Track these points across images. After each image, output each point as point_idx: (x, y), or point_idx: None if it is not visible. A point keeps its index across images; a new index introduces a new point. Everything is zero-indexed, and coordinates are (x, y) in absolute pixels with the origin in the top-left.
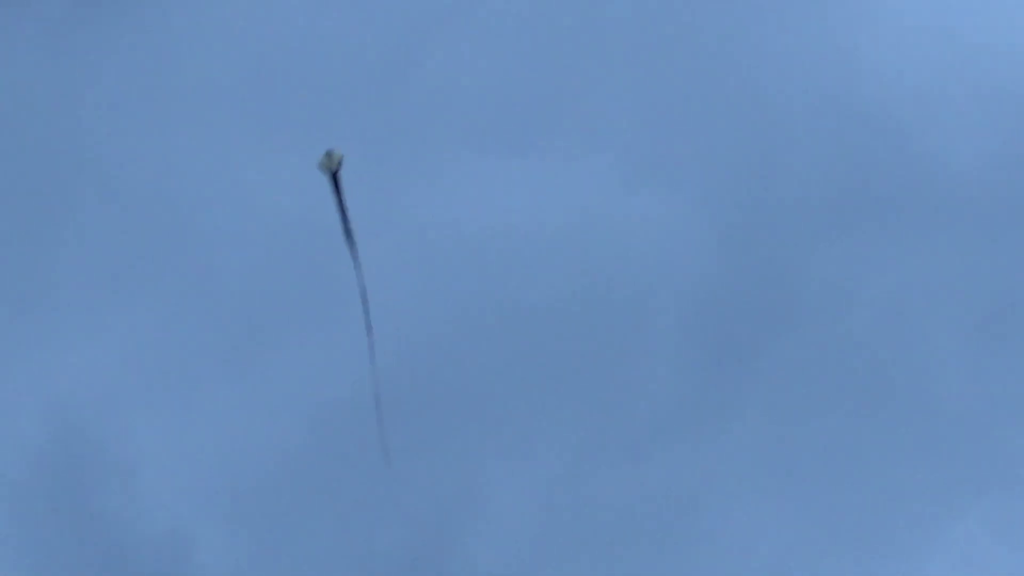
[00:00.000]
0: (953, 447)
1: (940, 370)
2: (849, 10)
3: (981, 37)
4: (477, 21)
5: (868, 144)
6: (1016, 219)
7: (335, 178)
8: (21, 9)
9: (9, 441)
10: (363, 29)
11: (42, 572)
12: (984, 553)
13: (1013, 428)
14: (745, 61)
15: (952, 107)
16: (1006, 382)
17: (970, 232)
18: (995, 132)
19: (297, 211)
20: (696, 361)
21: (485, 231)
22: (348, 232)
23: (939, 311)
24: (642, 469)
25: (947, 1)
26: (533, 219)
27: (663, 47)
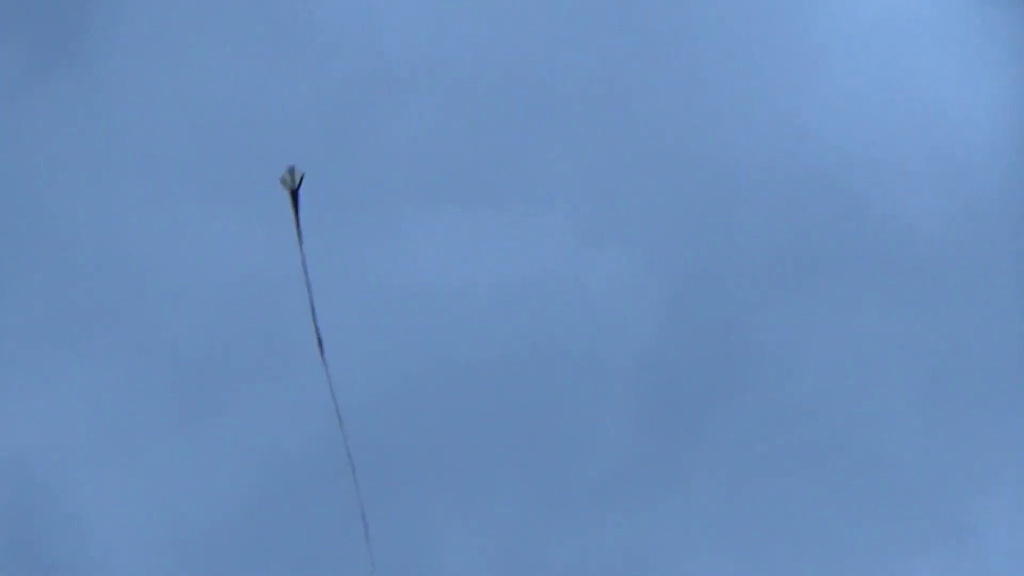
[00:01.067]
0: (903, 508)
1: (890, 432)
2: (801, 73)
3: (932, 100)
4: (431, 77)
5: (820, 207)
6: (965, 282)
7: (294, 195)
8: None
9: None
10: (315, 84)
11: None
12: None
13: (963, 490)
14: (698, 123)
15: (902, 169)
16: (956, 444)
17: (920, 295)
18: (944, 195)
19: (249, 267)
20: (648, 420)
21: (438, 287)
22: (302, 257)
23: (889, 374)
24: (593, 528)
25: (899, 63)
26: (485, 276)
27: (617, 107)
